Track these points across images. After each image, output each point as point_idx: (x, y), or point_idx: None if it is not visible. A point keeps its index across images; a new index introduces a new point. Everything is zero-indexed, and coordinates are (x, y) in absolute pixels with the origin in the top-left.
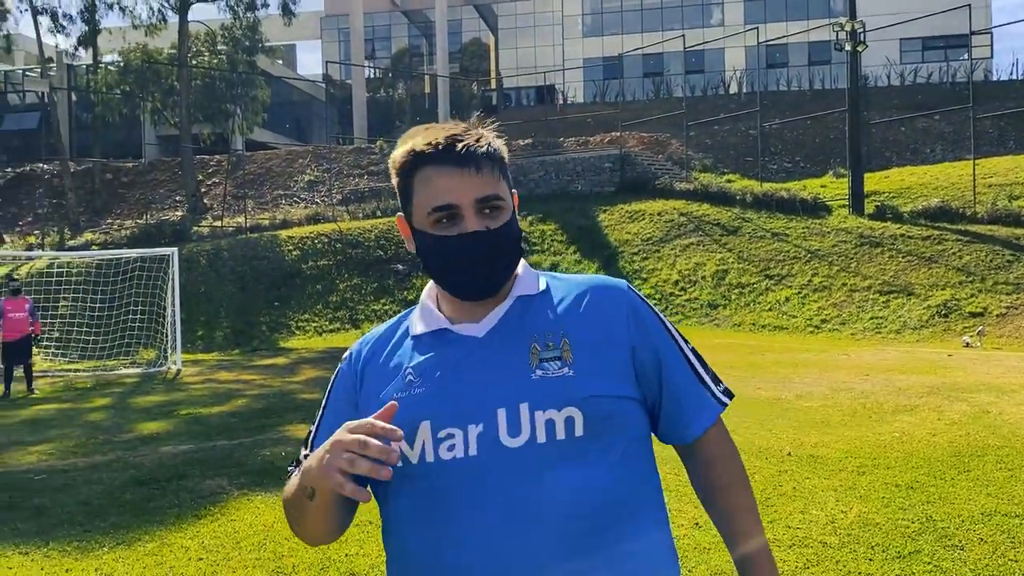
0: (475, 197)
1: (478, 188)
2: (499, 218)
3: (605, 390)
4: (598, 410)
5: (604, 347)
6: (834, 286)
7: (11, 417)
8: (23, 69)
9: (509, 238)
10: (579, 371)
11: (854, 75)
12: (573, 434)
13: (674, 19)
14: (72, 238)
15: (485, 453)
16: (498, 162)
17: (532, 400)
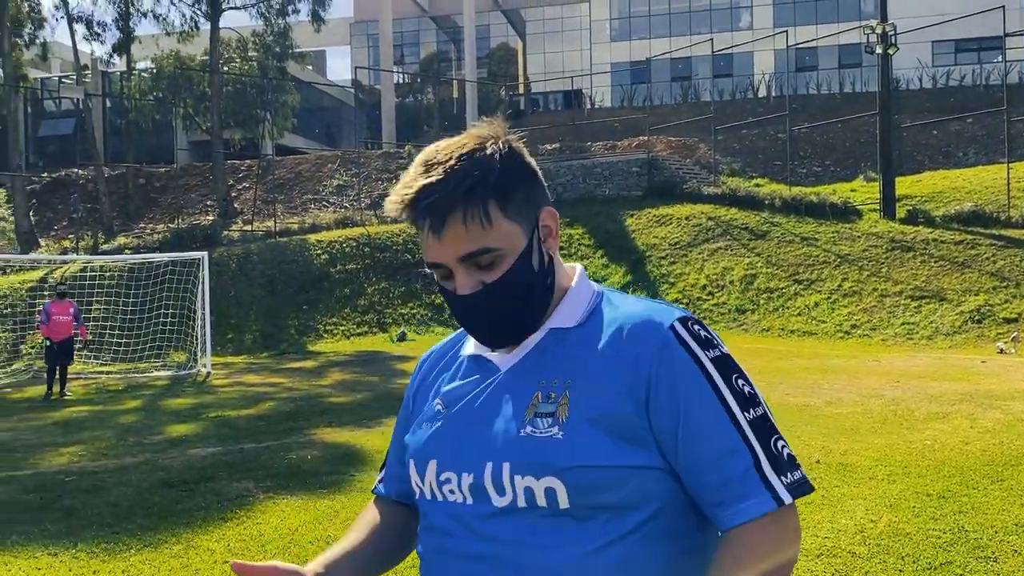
0: (458, 257)
1: (458, 246)
2: (498, 268)
3: (599, 459)
4: (586, 481)
5: (612, 403)
6: (864, 291)
7: (44, 419)
8: (59, 76)
9: (514, 288)
10: (570, 434)
11: (885, 78)
12: (556, 506)
13: (702, 23)
14: (106, 242)
15: (476, 505)
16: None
17: (513, 461)
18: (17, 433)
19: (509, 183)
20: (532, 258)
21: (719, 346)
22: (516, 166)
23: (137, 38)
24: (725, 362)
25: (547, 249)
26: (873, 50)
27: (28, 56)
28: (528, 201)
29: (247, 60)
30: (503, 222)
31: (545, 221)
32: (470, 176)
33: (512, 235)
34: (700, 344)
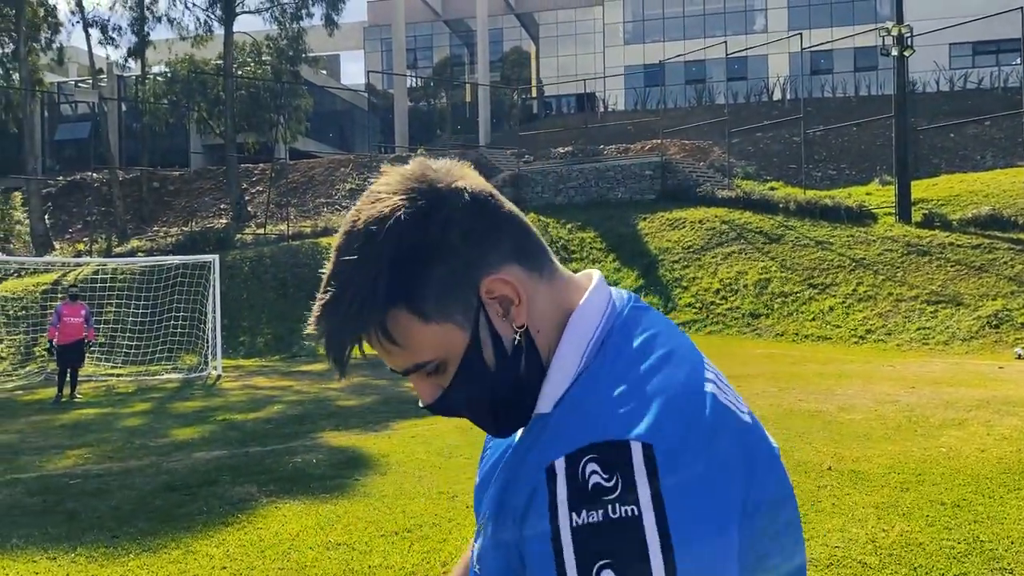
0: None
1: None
2: (445, 374)
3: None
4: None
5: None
6: (880, 296)
7: (52, 421)
8: (75, 80)
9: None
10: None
11: (901, 80)
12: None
13: (717, 26)
14: (119, 245)
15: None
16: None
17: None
18: (25, 435)
19: (414, 275)
20: (483, 354)
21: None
22: (420, 247)
23: (152, 42)
24: (597, 536)
25: (510, 322)
26: (889, 52)
27: (44, 61)
28: (455, 284)
29: (261, 64)
30: (420, 329)
31: (495, 292)
32: (355, 296)
33: (441, 338)
34: (575, 499)
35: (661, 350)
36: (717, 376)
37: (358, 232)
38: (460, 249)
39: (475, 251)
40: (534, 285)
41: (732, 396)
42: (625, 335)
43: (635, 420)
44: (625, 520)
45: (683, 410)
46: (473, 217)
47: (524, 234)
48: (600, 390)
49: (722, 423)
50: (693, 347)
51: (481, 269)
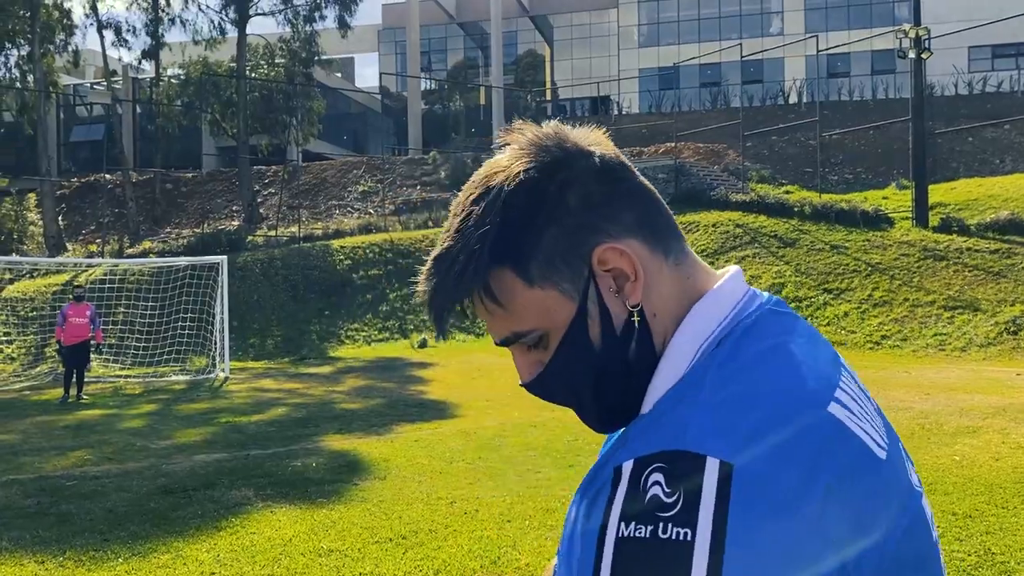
0: (496, 343)
1: (490, 330)
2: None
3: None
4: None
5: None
6: (896, 301)
7: (56, 422)
8: (91, 82)
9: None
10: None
11: (919, 83)
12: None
13: (732, 29)
14: (132, 246)
15: None
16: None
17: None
18: (27, 435)
19: (524, 234)
20: (589, 329)
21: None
22: (535, 205)
23: (166, 44)
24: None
25: (624, 299)
26: (906, 55)
27: (60, 63)
28: (565, 248)
29: (274, 66)
30: (524, 292)
31: (609, 264)
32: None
33: (545, 305)
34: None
35: (788, 359)
36: (855, 397)
37: (476, 187)
38: (576, 212)
39: (593, 216)
40: (657, 265)
41: (869, 422)
42: (751, 336)
43: (723, 433)
44: (674, 544)
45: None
46: (597, 182)
47: (653, 209)
48: (699, 393)
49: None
50: (835, 361)
51: (596, 236)
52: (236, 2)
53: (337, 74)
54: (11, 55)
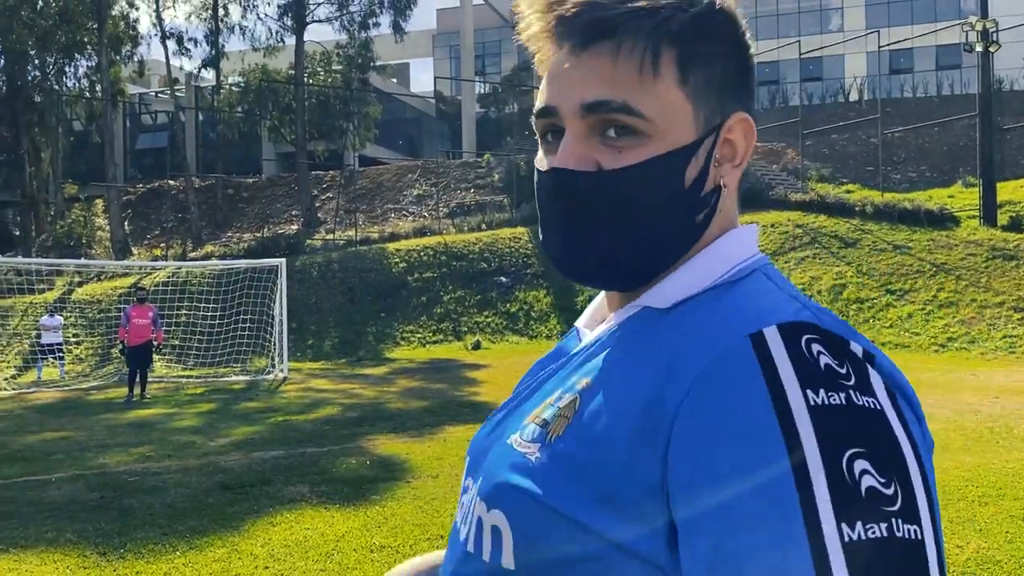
0: (583, 102)
1: (592, 85)
2: (631, 151)
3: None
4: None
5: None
6: (962, 302)
7: (120, 419)
8: (155, 91)
9: (640, 193)
10: (550, 461)
11: (986, 78)
12: (499, 560)
13: (790, 26)
14: (194, 250)
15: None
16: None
17: (484, 476)
18: (93, 433)
19: (702, 43)
20: (688, 165)
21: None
22: (724, 31)
23: (226, 53)
24: (844, 419)
25: (719, 174)
26: (973, 48)
27: (126, 73)
28: (720, 85)
29: (331, 73)
30: (673, 88)
31: (732, 132)
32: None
33: (676, 114)
34: (803, 374)
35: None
36: None
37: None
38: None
39: (743, 80)
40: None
41: None
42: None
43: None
44: (871, 411)
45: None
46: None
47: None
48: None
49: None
50: None
51: (737, 99)
52: (294, 10)
53: (392, 79)
54: (80, 66)
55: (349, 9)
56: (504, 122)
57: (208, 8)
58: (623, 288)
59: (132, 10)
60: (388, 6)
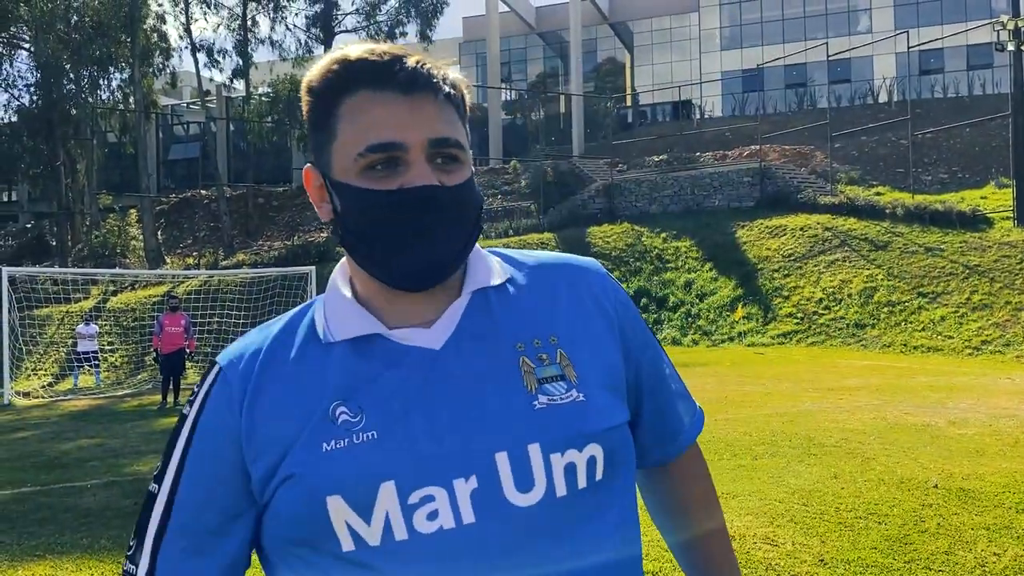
0: (428, 137)
1: (434, 126)
2: (457, 175)
3: (619, 416)
4: (617, 444)
5: (600, 355)
6: (996, 304)
7: (155, 427)
8: (187, 103)
9: (471, 204)
10: (590, 394)
11: (1018, 76)
12: (594, 478)
13: (818, 28)
14: (226, 259)
15: (488, 517)
16: (459, 103)
17: (544, 439)
18: (127, 440)
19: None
20: (477, 187)
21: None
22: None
23: (255, 64)
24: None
25: None
26: (1005, 47)
27: (158, 84)
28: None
29: None
30: (464, 130)
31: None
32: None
33: (467, 149)
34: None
35: None
36: None
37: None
38: None
39: None
40: None
41: None
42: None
43: None
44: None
45: None
46: None
47: None
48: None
49: None
50: None
51: None
52: (321, 20)
53: None
54: (113, 79)
55: (376, 19)
56: (530, 128)
57: (237, 19)
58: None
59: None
60: (415, 15)
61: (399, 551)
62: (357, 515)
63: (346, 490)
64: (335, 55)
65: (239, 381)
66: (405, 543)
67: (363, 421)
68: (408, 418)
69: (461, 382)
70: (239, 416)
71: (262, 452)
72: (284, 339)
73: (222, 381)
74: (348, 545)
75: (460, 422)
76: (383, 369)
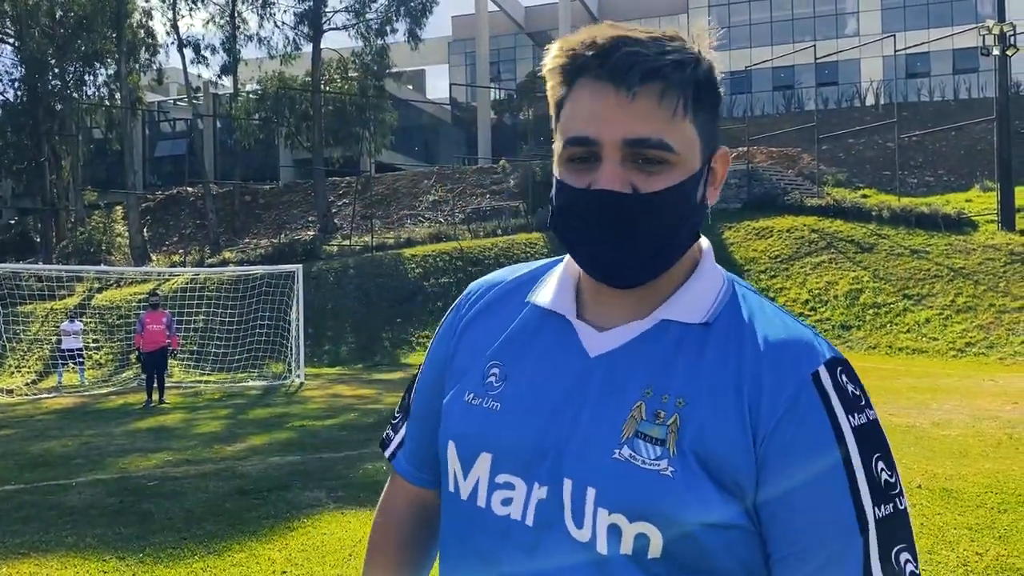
0: (623, 136)
1: (637, 123)
2: (659, 178)
3: (711, 514)
4: (691, 538)
5: (725, 442)
6: (980, 307)
7: (138, 425)
8: (174, 99)
9: (669, 212)
10: (682, 474)
11: (1003, 81)
12: (645, 555)
13: (806, 31)
14: (212, 256)
15: (542, 529)
16: (690, 90)
17: (601, 488)
18: (112, 438)
19: (706, 91)
20: (697, 188)
21: (867, 408)
22: (716, 84)
23: (243, 60)
24: (870, 435)
25: (707, 195)
26: (990, 52)
27: (145, 81)
28: (712, 125)
29: (347, 80)
30: (690, 127)
31: (717, 162)
32: (682, 55)
33: (692, 147)
34: (845, 404)
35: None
36: None
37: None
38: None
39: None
40: None
41: None
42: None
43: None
44: (875, 423)
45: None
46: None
47: None
48: (771, 311)
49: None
50: None
51: (719, 136)
52: (310, 17)
53: (408, 86)
54: (99, 74)
55: (366, 17)
56: (519, 128)
57: (224, 15)
58: (640, 284)
59: (149, 19)
60: (404, 14)
61: (475, 516)
62: (461, 467)
63: (459, 443)
64: (577, 36)
65: (465, 310)
66: (481, 511)
67: (501, 389)
68: (531, 406)
69: (582, 394)
70: (452, 341)
71: (449, 378)
72: (515, 284)
73: (456, 307)
74: (451, 486)
75: (561, 429)
76: (544, 350)
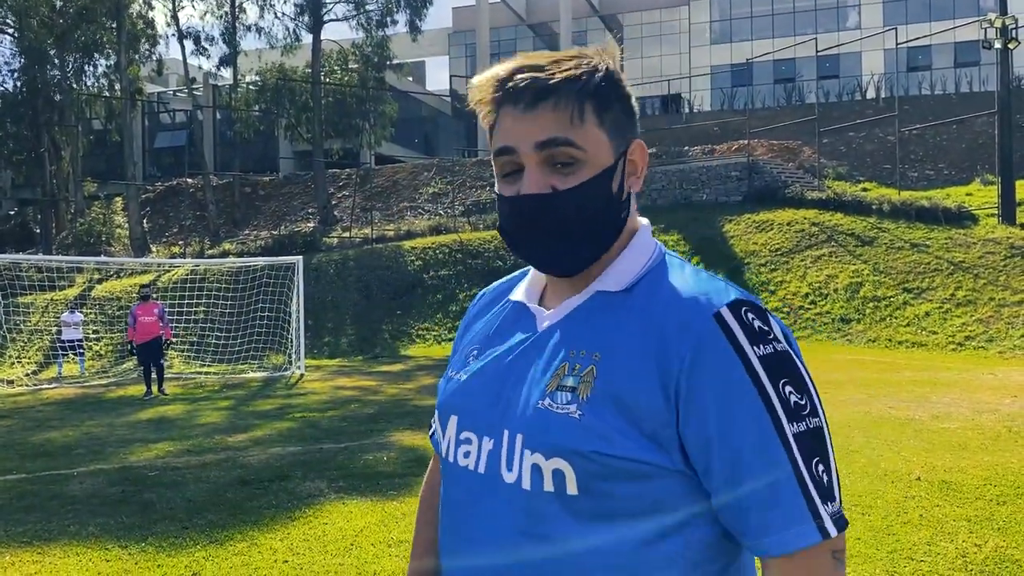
0: (536, 141)
1: (542, 130)
2: (574, 176)
3: (616, 448)
4: (599, 469)
5: (641, 391)
6: (980, 300)
7: (139, 415)
8: (173, 90)
9: (586, 205)
10: (589, 416)
11: (1005, 75)
12: (564, 490)
13: (807, 23)
14: (212, 248)
15: (490, 477)
16: (590, 95)
17: (526, 434)
18: (113, 429)
19: (608, 94)
20: (613, 181)
21: (774, 341)
22: (617, 84)
23: (243, 51)
24: (778, 362)
25: (628, 185)
26: (992, 45)
27: (145, 72)
28: (623, 122)
29: (347, 71)
30: (595, 128)
31: (634, 154)
32: (571, 71)
33: (600, 145)
34: (750, 336)
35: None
36: None
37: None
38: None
39: (633, 117)
40: None
41: None
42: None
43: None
44: (784, 353)
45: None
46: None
47: None
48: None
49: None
50: None
51: (633, 130)
52: (310, 9)
53: (408, 78)
54: (99, 65)
55: (366, 8)
56: None
57: (224, 6)
58: (577, 272)
59: (149, 10)
60: (404, 5)
61: (449, 470)
62: (442, 430)
63: (440, 411)
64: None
65: (472, 309)
66: (453, 465)
67: (472, 365)
68: (488, 376)
69: (526, 360)
70: (459, 338)
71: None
72: (507, 286)
73: (467, 311)
74: (442, 450)
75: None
76: (506, 332)
